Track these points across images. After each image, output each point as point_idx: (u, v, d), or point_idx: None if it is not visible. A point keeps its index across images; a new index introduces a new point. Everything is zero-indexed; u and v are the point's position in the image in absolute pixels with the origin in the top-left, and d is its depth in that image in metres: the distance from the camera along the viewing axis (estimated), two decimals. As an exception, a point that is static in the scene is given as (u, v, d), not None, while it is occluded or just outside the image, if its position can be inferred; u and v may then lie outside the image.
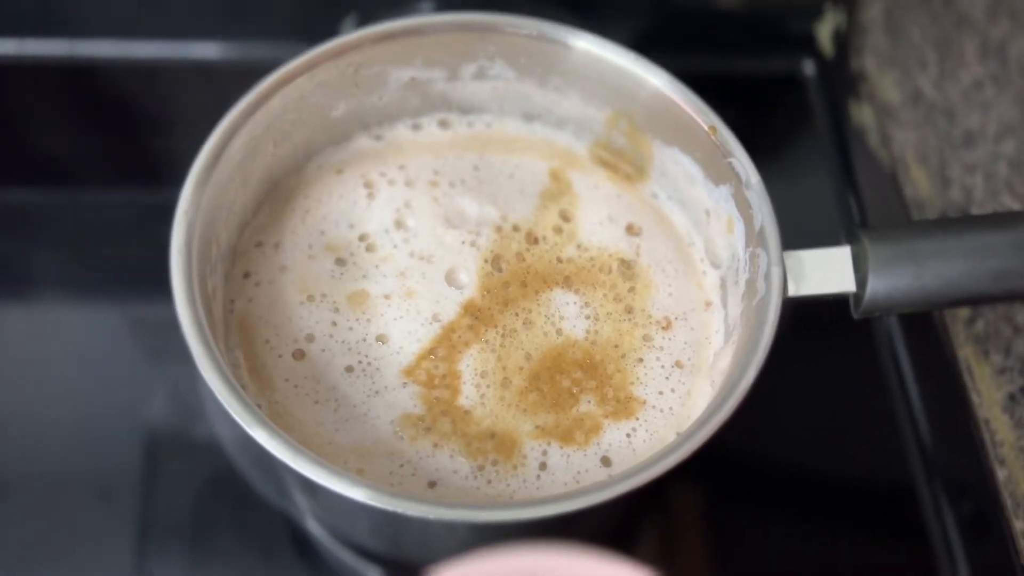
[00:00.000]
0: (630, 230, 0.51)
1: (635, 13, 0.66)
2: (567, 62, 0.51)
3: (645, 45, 0.52)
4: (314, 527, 0.54)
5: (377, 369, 0.46)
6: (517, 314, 0.48)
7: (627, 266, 0.50)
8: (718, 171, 0.48)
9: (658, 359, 0.48)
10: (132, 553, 0.52)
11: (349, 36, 0.50)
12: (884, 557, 0.55)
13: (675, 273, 0.50)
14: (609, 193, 0.53)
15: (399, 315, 0.48)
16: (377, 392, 0.46)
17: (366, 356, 0.47)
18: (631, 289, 0.50)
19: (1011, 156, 0.62)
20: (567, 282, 0.49)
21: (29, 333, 0.59)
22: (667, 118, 0.50)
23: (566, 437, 0.46)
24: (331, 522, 0.53)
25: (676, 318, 0.49)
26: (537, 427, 0.46)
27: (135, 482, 0.53)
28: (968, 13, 0.68)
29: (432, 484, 0.44)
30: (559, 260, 0.50)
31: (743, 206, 0.47)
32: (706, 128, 0.48)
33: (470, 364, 0.47)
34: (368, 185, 0.51)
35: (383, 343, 0.47)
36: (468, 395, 0.46)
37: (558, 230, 0.51)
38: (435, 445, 0.45)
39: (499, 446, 0.45)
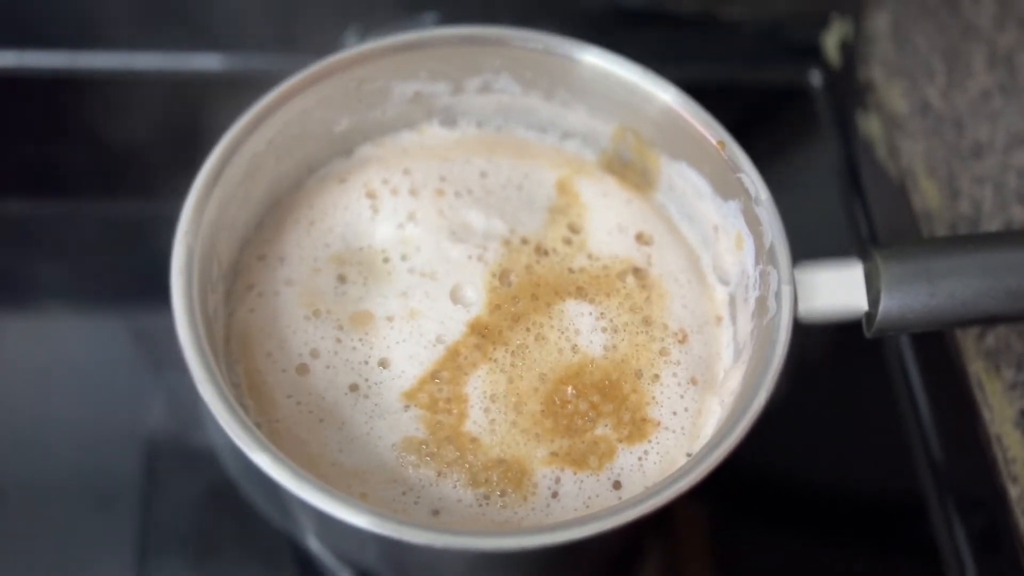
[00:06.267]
0: (640, 239, 0.51)
1: (640, 25, 0.66)
2: (574, 76, 0.50)
3: (650, 57, 0.51)
4: (315, 545, 0.53)
5: (379, 393, 0.46)
6: (528, 329, 0.47)
7: (641, 275, 0.49)
8: (727, 186, 0.48)
9: (674, 375, 0.47)
10: (131, 564, 0.51)
11: (352, 50, 0.49)
12: (895, 575, 0.54)
13: (688, 283, 0.50)
14: (619, 200, 0.52)
15: (402, 338, 0.47)
16: (380, 414, 0.45)
17: (367, 379, 0.46)
18: (647, 299, 0.49)
19: (1020, 167, 0.61)
20: (580, 292, 0.48)
21: (29, 343, 0.58)
22: (675, 132, 0.49)
23: (580, 462, 0.44)
24: (333, 542, 0.52)
25: (691, 331, 0.48)
26: (551, 453, 0.45)
27: (134, 492, 0.53)
28: (975, 22, 0.68)
29: (436, 512, 0.43)
30: (571, 271, 0.49)
31: (753, 222, 0.46)
32: (715, 143, 0.47)
33: (478, 387, 0.46)
34: (371, 195, 0.50)
35: (384, 367, 0.46)
36: (476, 420, 0.45)
37: (568, 242, 0.50)
38: (439, 474, 0.44)
39: (507, 475, 0.44)
